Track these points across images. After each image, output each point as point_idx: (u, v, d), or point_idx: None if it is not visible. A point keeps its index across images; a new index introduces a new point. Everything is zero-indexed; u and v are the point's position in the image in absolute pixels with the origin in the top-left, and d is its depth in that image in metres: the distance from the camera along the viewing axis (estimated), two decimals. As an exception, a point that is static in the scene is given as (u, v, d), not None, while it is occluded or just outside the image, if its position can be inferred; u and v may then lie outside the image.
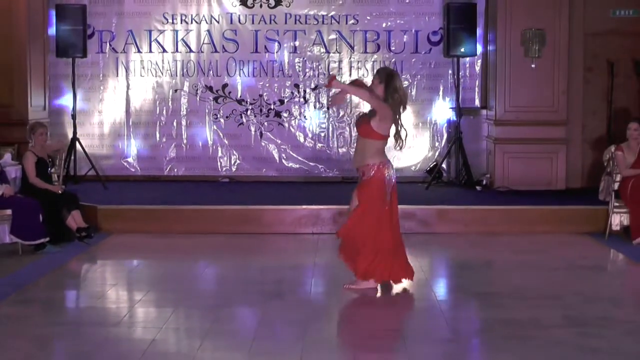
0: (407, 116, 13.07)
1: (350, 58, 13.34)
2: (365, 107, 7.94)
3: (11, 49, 11.96)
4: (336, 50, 13.35)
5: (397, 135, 7.57)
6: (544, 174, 12.29)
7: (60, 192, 9.84)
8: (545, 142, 12.29)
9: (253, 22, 13.32)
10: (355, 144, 7.99)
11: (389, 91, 7.50)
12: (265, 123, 13.38)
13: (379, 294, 7.56)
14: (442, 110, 13.31)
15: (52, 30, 12.75)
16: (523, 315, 6.83)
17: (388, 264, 7.58)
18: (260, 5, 13.30)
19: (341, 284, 7.83)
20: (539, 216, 10.66)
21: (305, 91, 13.38)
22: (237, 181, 13.25)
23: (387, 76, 7.58)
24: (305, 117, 13.40)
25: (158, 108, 13.43)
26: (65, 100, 13.21)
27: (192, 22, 13.33)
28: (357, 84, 7.99)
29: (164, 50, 13.36)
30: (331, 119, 13.39)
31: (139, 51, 13.36)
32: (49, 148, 10.20)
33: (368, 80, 13.06)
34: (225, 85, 13.38)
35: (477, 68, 13.27)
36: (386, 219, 7.61)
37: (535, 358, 5.79)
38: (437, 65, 13.27)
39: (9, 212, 9.12)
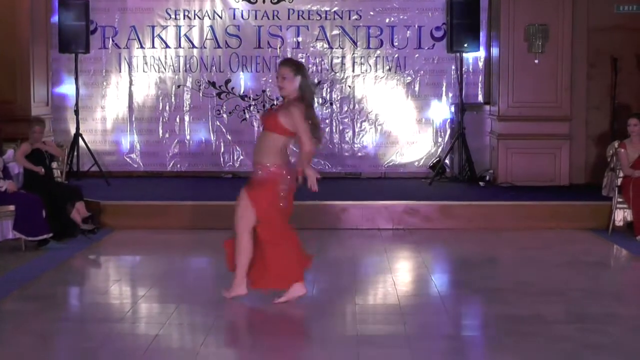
0: (410, 112, 13.16)
1: (353, 54, 13.32)
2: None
3: (14, 44, 11.95)
4: (339, 45, 13.33)
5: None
6: (548, 169, 12.28)
7: (42, 173, 9.85)
8: (549, 137, 12.28)
9: (256, 18, 13.30)
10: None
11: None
12: (268, 119, 13.35)
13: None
14: (445, 106, 13.30)
15: (54, 24, 12.75)
16: (526, 311, 6.82)
17: None
18: (263, 1, 13.27)
19: (343, 279, 7.85)
20: (542, 212, 10.64)
21: (308, 87, 13.34)
22: (240, 177, 13.23)
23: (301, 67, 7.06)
24: (308, 112, 13.36)
25: (161, 104, 13.42)
26: (68, 96, 13.22)
27: (195, 18, 13.32)
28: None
29: (167, 46, 13.35)
30: (334, 115, 13.38)
31: (141, 47, 13.35)
32: (48, 148, 10.18)
33: (369, 77, 13.22)
34: (228, 81, 13.37)
35: (480, 64, 13.26)
36: None
37: (538, 354, 5.78)
38: (440, 61, 13.26)
39: (12, 207, 9.12)
